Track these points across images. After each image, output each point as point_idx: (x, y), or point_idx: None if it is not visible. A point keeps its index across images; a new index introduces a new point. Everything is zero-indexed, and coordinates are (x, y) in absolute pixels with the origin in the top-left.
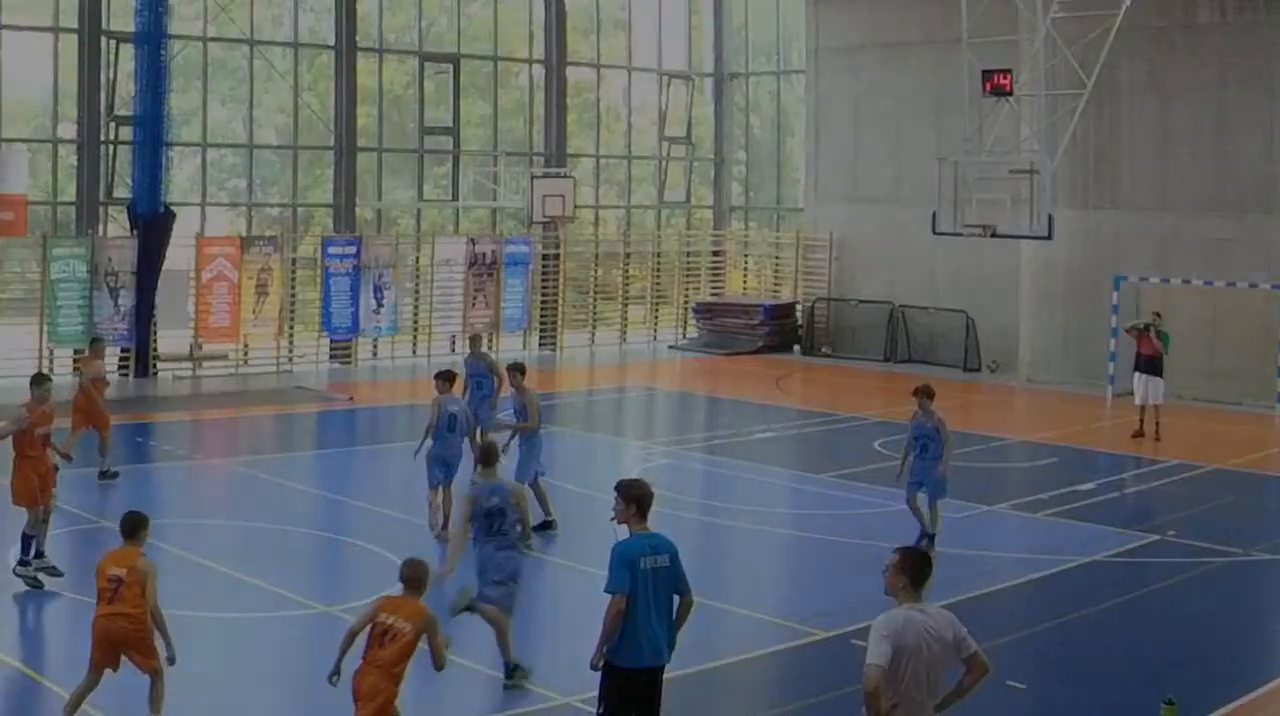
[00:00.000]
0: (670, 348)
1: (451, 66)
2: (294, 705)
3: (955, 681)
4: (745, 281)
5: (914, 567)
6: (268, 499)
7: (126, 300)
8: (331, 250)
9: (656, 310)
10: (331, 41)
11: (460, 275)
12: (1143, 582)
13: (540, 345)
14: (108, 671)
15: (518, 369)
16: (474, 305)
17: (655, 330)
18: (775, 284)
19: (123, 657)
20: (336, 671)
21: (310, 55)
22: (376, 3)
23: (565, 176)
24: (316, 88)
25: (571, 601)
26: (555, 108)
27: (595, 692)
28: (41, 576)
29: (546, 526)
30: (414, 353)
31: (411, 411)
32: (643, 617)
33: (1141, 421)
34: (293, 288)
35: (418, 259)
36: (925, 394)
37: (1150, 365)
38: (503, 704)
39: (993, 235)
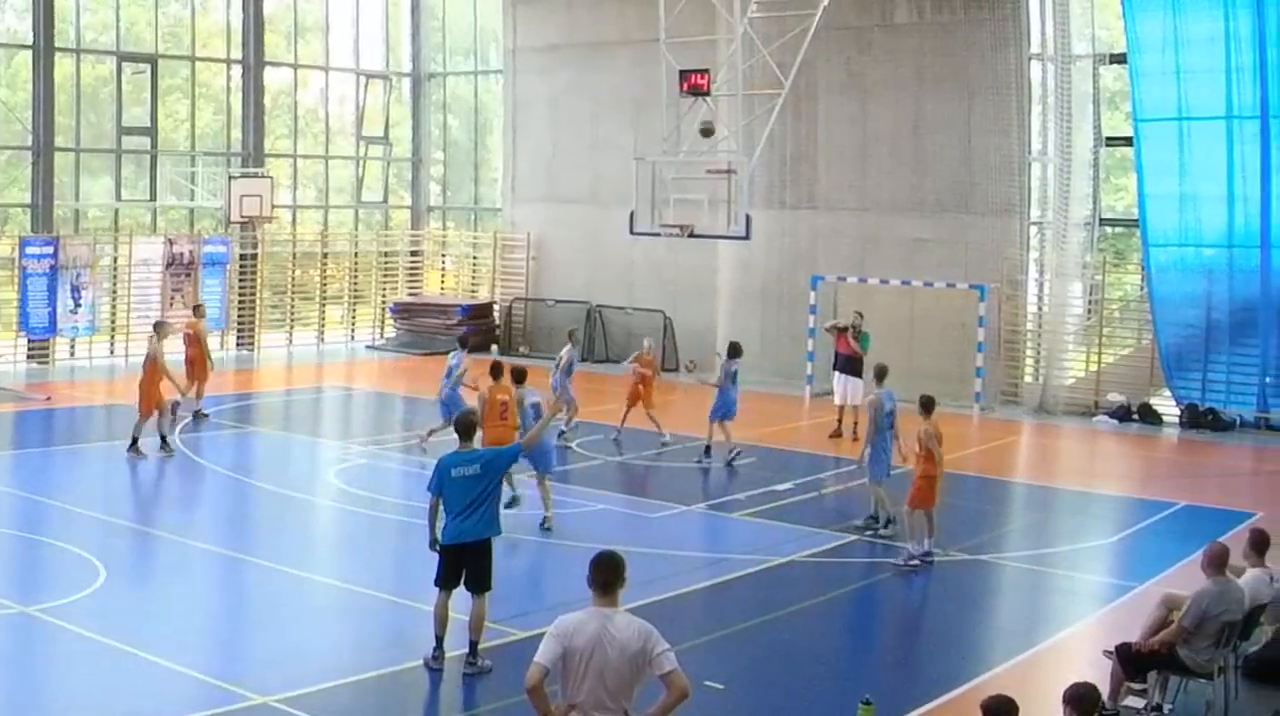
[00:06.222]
0: (368, 348)
1: (150, 66)
2: None
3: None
4: (443, 281)
5: (596, 572)
6: None
7: None
8: (29, 250)
9: (354, 310)
10: (29, 41)
11: (158, 275)
12: (840, 583)
13: (238, 345)
14: None
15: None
16: (172, 305)
17: (353, 330)
18: (473, 284)
19: None
20: None
21: (7, 55)
22: (74, 2)
23: (263, 177)
24: (13, 87)
25: (269, 601)
26: (253, 108)
27: (291, 693)
28: None
29: None
30: (112, 352)
31: (109, 411)
32: (453, 510)
33: (840, 421)
34: None
35: (115, 259)
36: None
37: (849, 365)
38: (200, 703)
39: (690, 235)
